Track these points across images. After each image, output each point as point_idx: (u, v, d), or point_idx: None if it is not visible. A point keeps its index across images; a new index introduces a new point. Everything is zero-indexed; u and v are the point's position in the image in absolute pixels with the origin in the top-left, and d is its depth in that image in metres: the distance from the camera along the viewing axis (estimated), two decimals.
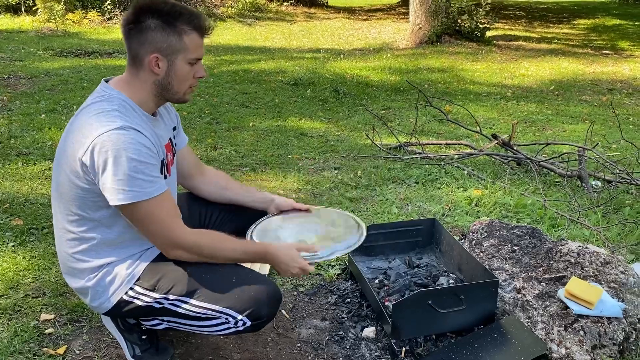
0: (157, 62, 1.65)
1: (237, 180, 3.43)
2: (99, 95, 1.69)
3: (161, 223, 1.64)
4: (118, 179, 1.54)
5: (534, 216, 3.13)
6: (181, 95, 1.75)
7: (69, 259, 1.77)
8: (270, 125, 4.95)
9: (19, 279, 2.38)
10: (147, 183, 1.58)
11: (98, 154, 1.55)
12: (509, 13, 15.89)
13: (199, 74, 1.74)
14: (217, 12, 13.46)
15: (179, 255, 1.70)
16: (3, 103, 5.37)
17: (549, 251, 2.30)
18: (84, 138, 1.58)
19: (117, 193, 1.56)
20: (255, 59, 8.50)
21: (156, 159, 1.64)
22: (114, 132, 1.55)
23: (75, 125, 1.66)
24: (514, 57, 9.16)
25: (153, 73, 1.67)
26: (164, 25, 1.63)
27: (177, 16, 1.64)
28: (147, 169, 1.58)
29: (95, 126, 1.58)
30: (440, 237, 2.52)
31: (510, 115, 5.64)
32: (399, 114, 5.58)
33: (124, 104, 1.66)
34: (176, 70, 1.68)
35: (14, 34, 9.84)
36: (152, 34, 1.63)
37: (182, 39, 1.65)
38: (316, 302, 2.37)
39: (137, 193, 1.56)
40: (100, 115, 1.61)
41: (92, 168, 1.57)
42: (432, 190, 3.53)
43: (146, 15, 1.63)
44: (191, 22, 1.66)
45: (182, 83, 1.71)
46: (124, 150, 1.54)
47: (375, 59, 8.69)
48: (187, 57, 1.68)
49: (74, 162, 1.61)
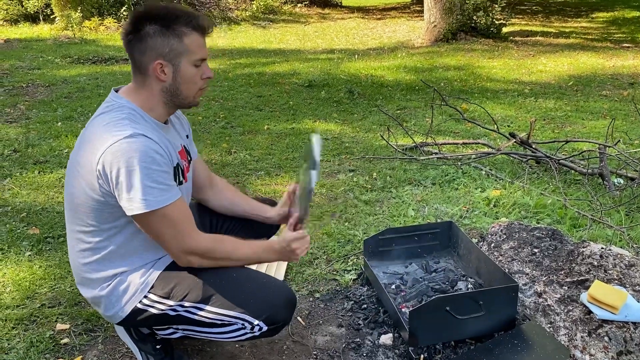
0: (162, 68, 1.63)
1: (247, 188, 3.46)
2: (109, 105, 1.68)
3: (175, 229, 1.63)
4: (132, 188, 1.53)
5: (554, 216, 3.06)
6: (192, 99, 1.73)
7: (82, 269, 1.76)
8: (285, 128, 4.93)
9: (35, 289, 2.38)
10: (161, 191, 1.57)
11: (110, 165, 1.54)
12: (525, 8, 15.68)
13: (206, 74, 1.71)
14: (232, 15, 13.52)
15: (193, 261, 1.69)
16: (21, 112, 5.43)
17: (570, 253, 2.24)
18: (95, 149, 1.57)
19: (132, 202, 1.55)
20: (270, 61, 8.50)
21: (168, 165, 1.62)
22: (124, 140, 1.54)
23: (86, 137, 1.66)
24: (532, 52, 9.02)
25: (159, 80, 1.65)
26: (162, 29, 1.61)
27: (175, 19, 1.62)
28: (160, 177, 1.57)
29: (105, 137, 1.56)
30: (457, 241, 2.47)
31: (528, 112, 5.54)
32: (415, 114, 5.52)
33: (134, 113, 1.64)
34: (183, 74, 1.66)
35: (33, 43, 9.97)
36: (152, 40, 1.60)
37: (183, 40, 1.62)
38: (332, 308, 2.34)
39: (152, 201, 1.55)
40: (110, 125, 1.59)
41: (107, 180, 1.56)
42: (449, 192, 3.48)
43: (144, 23, 1.61)
44: (189, 22, 1.63)
45: (190, 86, 1.69)
46: (136, 159, 1.52)
47: (390, 59, 8.62)
48: (192, 59, 1.65)
49: (89, 175, 1.60)
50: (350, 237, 2.92)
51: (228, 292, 1.71)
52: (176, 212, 1.61)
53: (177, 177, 1.70)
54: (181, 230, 1.63)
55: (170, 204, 1.59)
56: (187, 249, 1.65)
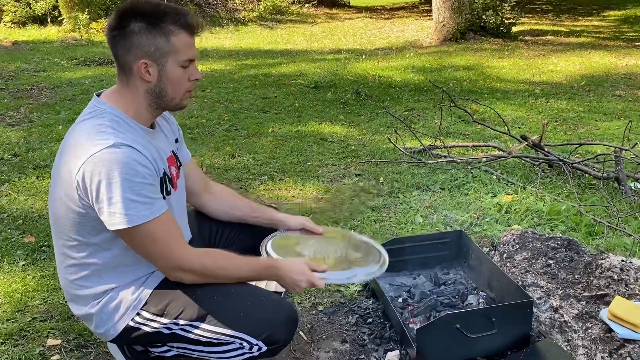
0: (147, 68, 1.52)
1: (249, 193, 3.36)
2: (91, 111, 1.57)
3: (162, 245, 1.52)
4: (113, 202, 1.43)
5: (568, 223, 2.93)
6: (178, 101, 1.61)
7: (70, 286, 1.67)
8: (290, 131, 4.83)
9: (27, 301, 2.29)
10: (144, 205, 1.46)
11: (91, 176, 1.43)
12: (535, 7, 15.49)
13: (194, 76, 1.60)
14: (239, 16, 13.44)
15: (183, 278, 1.58)
16: (24, 114, 5.37)
17: (587, 265, 2.11)
18: (75, 159, 1.47)
19: (113, 217, 1.44)
20: (276, 62, 8.40)
21: (154, 177, 1.52)
22: (105, 150, 1.43)
23: (66, 146, 1.55)
24: (542, 52, 8.86)
25: (144, 81, 1.54)
26: (148, 27, 1.50)
27: (162, 16, 1.51)
28: (144, 190, 1.46)
29: (86, 146, 1.46)
30: (468, 251, 2.36)
31: (539, 114, 5.40)
32: (423, 115, 5.40)
33: (117, 119, 1.54)
34: (169, 75, 1.54)
35: (40, 45, 9.94)
36: (137, 38, 1.50)
37: (170, 40, 1.51)
38: (336, 322, 2.23)
39: (134, 217, 1.45)
40: (91, 133, 1.48)
41: (86, 192, 1.46)
42: (458, 197, 3.36)
43: (129, 19, 1.50)
44: (177, 20, 1.52)
45: (176, 88, 1.58)
46: (117, 171, 1.42)
47: (398, 59, 8.50)
48: (179, 59, 1.54)
49: (68, 186, 1.50)
50: None
51: (225, 309, 1.61)
52: (161, 227, 1.51)
53: (164, 188, 1.60)
54: (167, 246, 1.53)
55: (155, 218, 1.48)
56: (175, 266, 1.55)
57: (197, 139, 4.60)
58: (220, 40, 10.50)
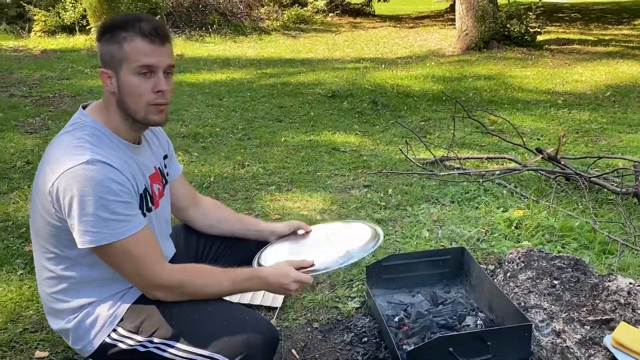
0: (109, 78, 1.49)
1: (255, 203, 3.31)
2: (73, 124, 1.55)
3: (137, 263, 1.48)
4: (85, 219, 1.40)
5: (581, 240, 2.81)
6: (143, 114, 1.51)
7: (48, 299, 1.64)
8: (302, 140, 4.78)
9: (21, 311, 2.28)
10: (118, 223, 1.42)
11: (64, 192, 1.41)
12: (563, 16, 15.20)
13: (157, 87, 1.49)
14: (263, 25, 13.50)
15: (160, 296, 1.54)
16: (43, 122, 5.45)
17: (594, 287, 2.00)
18: (51, 173, 1.44)
19: (84, 235, 1.41)
20: (296, 71, 8.39)
21: (129, 194, 1.48)
22: (80, 167, 1.40)
23: (45, 158, 1.53)
24: (567, 61, 8.66)
25: (110, 92, 1.51)
26: (105, 37, 1.48)
27: (116, 26, 1.48)
28: (118, 207, 1.42)
29: (62, 160, 1.43)
30: (469, 269, 2.26)
31: (560, 125, 5.25)
32: (439, 126, 5.30)
33: (97, 133, 1.51)
34: (123, 84, 1.47)
35: (67, 53, 10.13)
36: (100, 48, 1.49)
37: (123, 46, 1.46)
38: (330, 340, 2.16)
39: (106, 235, 1.41)
40: (69, 147, 1.46)
41: (60, 207, 1.43)
42: (468, 211, 3.25)
43: (101, 32, 1.50)
44: (132, 27, 1.46)
45: (135, 99, 1.48)
46: (90, 188, 1.39)
47: (418, 68, 8.40)
48: (131, 67, 1.46)
49: (44, 198, 1.48)
50: None
51: (201, 328, 1.55)
52: (137, 244, 1.47)
53: (144, 205, 1.56)
54: (144, 264, 1.49)
55: (130, 236, 1.44)
56: (151, 284, 1.51)
57: (209, 147, 4.59)
58: (242, 49, 10.55)
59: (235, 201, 3.46)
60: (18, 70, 8.00)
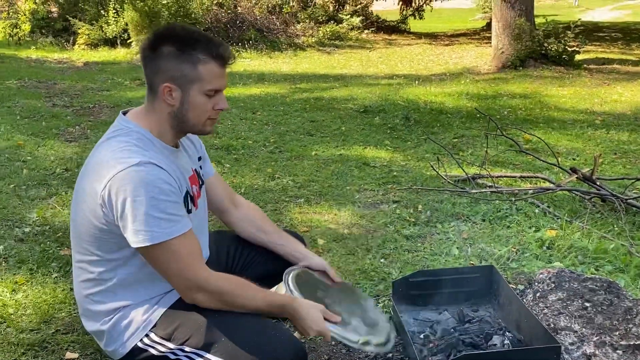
0: (170, 92, 1.56)
1: (284, 215, 3.33)
2: (117, 129, 1.62)
3: (182, 263, 1.53)
4: (138, 219, 1.46)
5: (616, 263, 2.73)
6: (200, 127, 1.64)
7: (85, 301, 1.70)
8: (333, 155, 4.80)
9: (54, 313, 2.35)
10: (168, 222, 1.48)
11: (116, 193, 1.47)
12: (603, 35, 14.92)
13: (219, 105, 1.62)
14: (298, 41, 13.66)
15: (199, 299, 1.57)
16: (82, 131, 5.62)
17: (627, 311, 1.95)
18: (101, 177, 1.51)
19: (137, 234, 1.47)
20: (329, 86, 8.44)
21: (178, 195, 1.54)
22: (131, 169, 1.47)
23: (92, 163, 1.60)
24: (606, 81, 8.47)
25: (167, 104, 1.58)
26: (177, 52, 1.54)
27: (193, 43, 1.55)
28: (168, 207, 1.48)
29: (112, 163, 1.50)
30: (498, 288, 2.23)
31: (597, 145, 5.13)
32: (472, 143, 5.25)
33: (142, 138, 1.58)
34: (191, 101, 1.58)
35: (108, 66, 10.45)
36: (165, 61, 1.55)
37: (197, 68, 1.55)
38: (355, 354, 2.15)
39: (158, 234, 1.47)
40: (117, 151, 1.53)
41: (111, 209, 1.49)
42: (499, 230, 3.21)
43: (162, 42, 1.56)
44: (208, 50, 1.55)
45: (199, 115, 1.61)
46: (143, 189, 1.45)
47: (452, 85, 8.36)
48: (204, 88, 1.57)
49: (93, 203, 1.54)
50: (385, 275, 2.72)
51: (232, 340, 1.57)
52: (184, 245, 1.52)
53: (186, 206, 1.62)
54: (188, 265, 1.53)
55: (179, 236, 1.50)
56: (193, 286, 1.54)
57: (241, 159, 4.65)
58: (277, 65, 10.69)
59: (264, 212, 3.48)
60: (61, 81, 8.29)
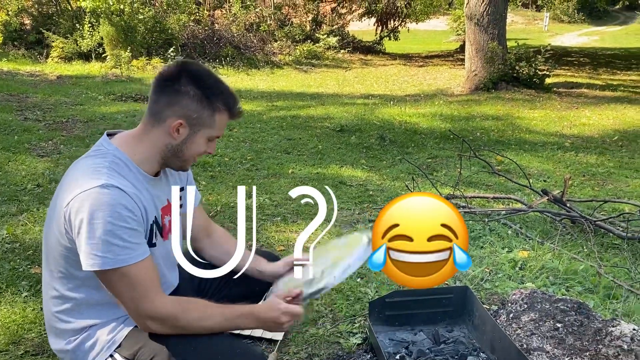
0: (179, 128, 1.58)
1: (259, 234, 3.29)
2: (96, 150, 1.61)
3: (134, 291, 1.50)
4: (91, 242, 1.43)
5: (586, 284, 2.79)
6: (185, 164, 1.68)
7: (52, 318, 1.67)
8: (310, 173, 4.83)
9: (23, 333, 2.29)
10: (122, 249, 1.46)
11: (76, 212, 1.45)
12: (572, 59, 15.39)
13: (210, 149, 1.68)
14: (275, 59, 13.75)
15: (153, 327, 1.54)
16: (55, 146, 5.53)
17: (597, 332, 1.99)
18: (67, 194, 1.49)
19: (89, 258, 1.45)
20: (306, 105, 8.50)
21: (139, 223, 1.52)
22: (94, 190, 1.45)
23: (65, 180, 1.59)
24: (575, 104, 8.73)
25: (170, 136, 1.59)
26: (202, 97, 1.58)
27: (218, 93, 1.60)
28: (125, 234, 1.46)
29: (79, 182, 1.49)
30: (472, 309, 2.26)
31: (567, 167, 5.27)
32: (446, 164, 5.34)
33: (118, 162, 1.56)
34: (194, 142, 1.62)
35: (82, 79, 10.33)
36: (187, 100, 1.57)
37: (214, 116, 1.60)
38: None
39: (109, 260, 1.45)
40: (88, 171, 1.52)
41: (71, 227, 1.47)
42: (473, 250, 3.25)
43: (189, 80, 1.58)
44: (227, 102, 1.62)
45: (192, 154, 1.65)
46: (101, 212, 1.43)
47: (426, 106, 8.50)
48: (210, 134, 1.63)
49: (59, 219, 1.52)
50: (361, 294, 2.73)
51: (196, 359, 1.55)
52: (138, 273, 1.50)
53: (153, 235, 1.60)
54: (141, 293, 1.50)
55: (133, 264, 1.47)
56: (145, 314, 1.52)
57: (217, 177, 4.63)
58: (254, 82, 10.73)
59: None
60: (34, 94, 8.16)
